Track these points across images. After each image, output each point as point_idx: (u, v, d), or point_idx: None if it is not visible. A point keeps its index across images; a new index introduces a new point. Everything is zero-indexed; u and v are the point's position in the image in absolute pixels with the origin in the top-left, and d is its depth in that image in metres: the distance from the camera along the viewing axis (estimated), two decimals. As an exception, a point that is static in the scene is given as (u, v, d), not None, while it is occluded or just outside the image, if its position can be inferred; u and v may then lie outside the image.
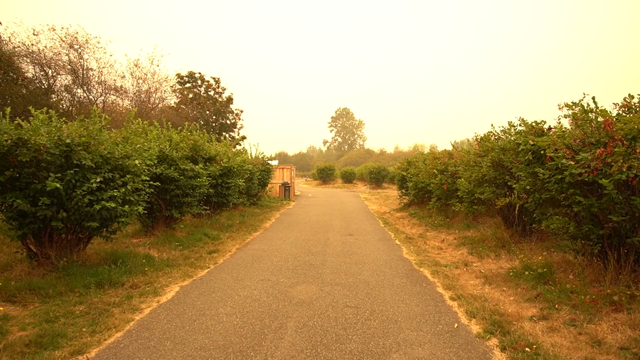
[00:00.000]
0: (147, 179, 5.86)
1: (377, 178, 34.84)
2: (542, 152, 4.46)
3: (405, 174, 13.17)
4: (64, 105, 21.85)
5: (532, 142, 4.64)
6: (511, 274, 5.35)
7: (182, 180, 7.55)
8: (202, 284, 5.04)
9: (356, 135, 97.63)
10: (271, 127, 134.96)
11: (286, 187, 20.44)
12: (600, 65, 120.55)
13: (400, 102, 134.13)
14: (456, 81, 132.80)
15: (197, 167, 7.66)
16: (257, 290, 4.72)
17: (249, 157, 15.02)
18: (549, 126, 5.10)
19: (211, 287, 4.88)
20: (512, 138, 5.57)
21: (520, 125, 5.32)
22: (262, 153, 16.50)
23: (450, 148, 15.87)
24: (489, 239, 7.51)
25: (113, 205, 4.85)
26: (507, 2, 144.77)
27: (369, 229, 10.11)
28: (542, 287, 4.55)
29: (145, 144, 6.40)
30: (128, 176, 5.37)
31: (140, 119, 7.61)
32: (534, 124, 5.18)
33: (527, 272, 5.26)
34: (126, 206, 5.27)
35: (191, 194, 7.98)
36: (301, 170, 76.37)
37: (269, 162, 16.55)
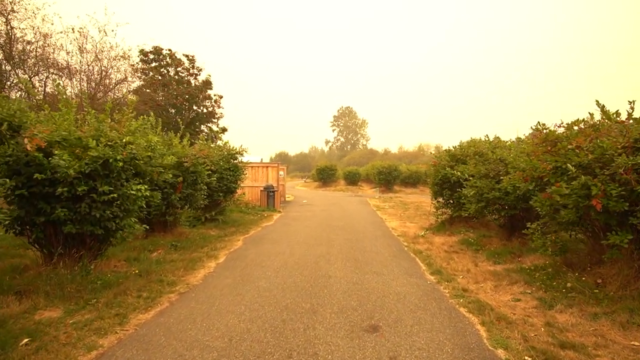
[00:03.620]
0: None
1: (387, 179, 29.23)
2: None
3: (458, 174, 7.60)
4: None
5: None
6: None
7: None
8: None
9: (359, 135, 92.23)
10: (271, 127, 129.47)
11: (270, 193, 14.90)
12: (595, 62, 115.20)
13: (399, 101, 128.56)
14: (454, 79, 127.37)
15: None
16: None
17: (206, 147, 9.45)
18: None
19: None
20: None
21: None
22: (226, 142, 10.99)
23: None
24: None
25: None
26: (505, 0, 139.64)
27: (412, 298, 4.54)
28: None
29: None
30: None
31: None
32: None
33: None
34: None
35: None
36: (302, 171, 71.50)
37: (237, 155, 11.00)
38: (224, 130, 23.57)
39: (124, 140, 4.89)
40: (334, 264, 6.13)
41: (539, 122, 4.93)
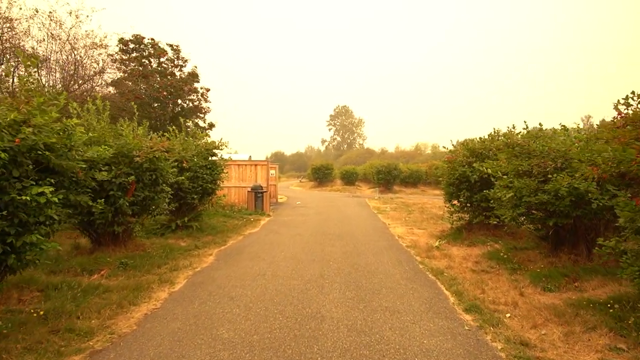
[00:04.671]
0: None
1: (386, 179, 27.66)
2: None
3: (489, 170, 6.00)
4: None
5: None
6: None
7: None
8: None
9: (355, 134, 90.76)
10: (270, 127, 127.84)
11: (258, 194, 13.23)
12: (595, 62, 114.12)
13: (399, 101, 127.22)
14: (454, 79, 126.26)
15: None
16: None
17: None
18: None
19: None
20: None
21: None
22: (202, 135, 9.34)
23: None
24: None
25: None
26: (505, 0, 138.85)
27: None
28: None
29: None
30: None
31: None
32: None
33: None
34: None
35: None
36: (298, 171, 70.36)
37: (216, 150, 9.33)
38: (211, 125, 21.82)
39: (8, 119, 3.21)
40: (329, 294, 4.51)
41: (632, 92, 3.34)
